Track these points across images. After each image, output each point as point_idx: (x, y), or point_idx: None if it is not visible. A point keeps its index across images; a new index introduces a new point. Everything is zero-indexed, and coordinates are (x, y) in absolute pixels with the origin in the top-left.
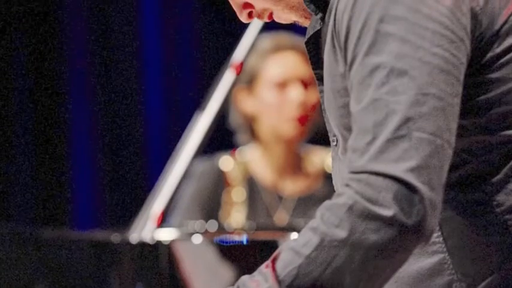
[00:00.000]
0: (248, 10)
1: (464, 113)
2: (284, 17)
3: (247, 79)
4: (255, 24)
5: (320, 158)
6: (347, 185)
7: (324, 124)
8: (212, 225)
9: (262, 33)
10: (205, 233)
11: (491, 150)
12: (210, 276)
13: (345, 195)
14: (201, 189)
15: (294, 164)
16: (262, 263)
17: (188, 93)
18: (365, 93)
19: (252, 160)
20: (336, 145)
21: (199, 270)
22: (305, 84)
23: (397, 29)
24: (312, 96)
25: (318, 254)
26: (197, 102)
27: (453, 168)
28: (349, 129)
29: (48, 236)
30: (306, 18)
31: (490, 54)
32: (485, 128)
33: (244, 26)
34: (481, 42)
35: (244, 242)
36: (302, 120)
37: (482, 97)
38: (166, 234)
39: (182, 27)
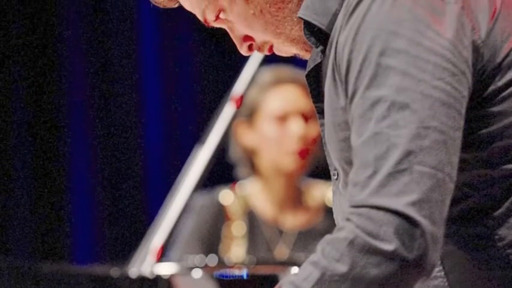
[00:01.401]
0: (248, 43)
1: (465, 147)
2: (284, 49)
3: (247, 112)
4: (255, 57)
5: (321, 192)
6: (348, 219)
7: (325, 158)
8: (212, 260)
9: (262, 66)
10: (205, 268)
11: (492, 184)
12: None
13: (345, 229)
14: (201, 223)
15: (295, 198)
16: None
17: (188, 126)
18: (366, 127)
19: (252, 194)
20: (336, 179)
21: None
22: (305, 118)
23: (398, 62)
24: (313, 129)
25: None
26: (197, 136)
27: (455, 202)
28: (349, 162)
29: (47, 270)
30: (306, 51)
31: (491, 88)
32: (486, 161)
33: (244, 59)
34: (482, 75)
35: (245, 277)
36: (302, 153)
37: (484, 131)
38: (166, 269)
39: (182, 60)
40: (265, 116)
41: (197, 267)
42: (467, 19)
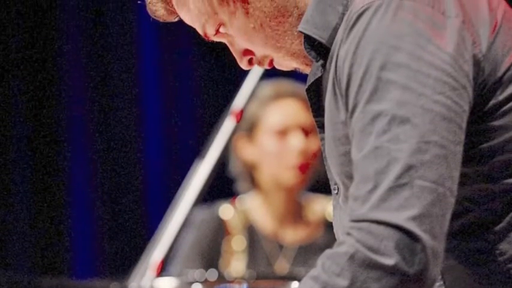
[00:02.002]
0: (248, 57)
1: (466, 161)
2: (285, 63)
3: (247, 127)
4: (255, 71)
5: (321, 206)
6: (348, 234)
7: (325, 172)
8: (212, 274)
9: (262, 80)
10: (205, 282)
11: (493, 199)
12: None
13: (346, 243)
14: (201, 238)
15: (295, 212)
16: None
17: (188, 140)
18: (366, 141)
19: (252, 208)
20: (337, 193)
21: None
22: (306, 132)
23: (398, 76)
24: (313, 144)
25: None
26: (197, 150)
27: (455, 216)
28: (350, 177)
29: (47, 284)
30: (306, 65)
31: (492, 102)
32: (487, 176)
33: (245, 73)
34: (483, 89)
35: None
36: (303, 168)
37: (485, 145)
38: (165, 283)
39: (182, 74)
40: (266, 130)
41: (197, 282)
42: (468, 33)
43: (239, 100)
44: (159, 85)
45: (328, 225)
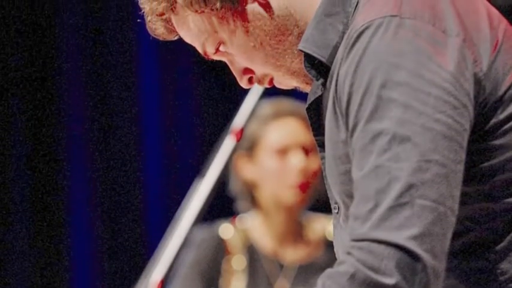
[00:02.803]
0: (248, 75)
1: (467, 180)
2: (285, 82)
3: (247, 145)
4: (255, 90)
5: (321, 226)
6: (348, 253)
7: (325, 191)
8: None
9: (262, 99)
10: None
11: (494, 218)
12: None
13: (346, 263)
14: (201, 258)
15: (295, 232)
16: None
17: (188, 159)
18: (367, 160)
19: (253, 228)
20: (337, 212)
21: None
22: (306, 151)
23: (399, 94)
24: (313, 162)
25: None
26: (197, 169)
27: (456, 235)
28: (350, 196)
29: None
30: (307, 83)
31: (493, 121)
32: (488, 195)
33: (245, 92)
34: (484, 108)
35: None
36: (303, 187)
37: (486, 164)
38: None
39: (181, 93)
40: (266, 149)
41: None
42: (469, 51)
43: (239, 119)
44: (158, 104)
45: (329, 245)
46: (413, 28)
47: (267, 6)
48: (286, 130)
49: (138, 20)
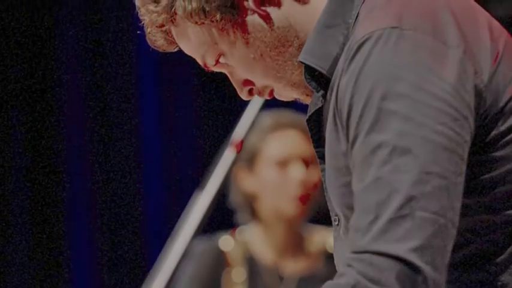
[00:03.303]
0: (248, 87)
1: (468, 192)
2: (285, 94)
3: (247, 157)
4: (256, 102)
5: (321, 238)
6: (349, 265)
7: (326, 203)
8: None
9: (262, 110)
10: None
11: (495, 230)
12: None
13: (347, 275)
14: (201, 269)
15: (295, 244)
16: None
17: (188, 171)
18: (367, 172)
19: (253, 240)
20: (337, 224)
21: None
22: (306, 163)
23: (399, 106)
24: (314, 174)
25: None
26: (197, 181)
27: (457, 248)
28: (351, 208)
29: None
30: (307, 95)
31: (494, 132)
32: (489, 207)
33: (245, 104)
34: (485, 119)
35: None
36: (303, 199)
37: (486, 176)
38: None
39: (181, 105)
40: (266, 161)
41: None
42: (469, 63)
43: (239, 131)
44: (158, 116)
45: (329, 257)
46: (414, 39)
47: (267, 18)
48: (286, 142)
49: (138, 32)
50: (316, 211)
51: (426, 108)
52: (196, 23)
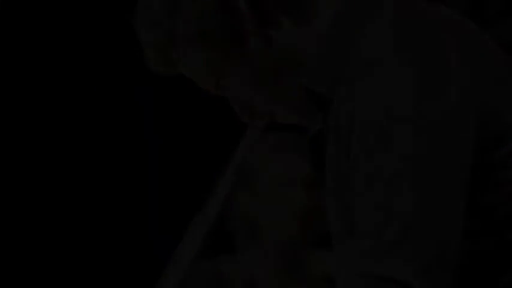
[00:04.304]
0: (249, 111)
1: (470, 215)
2: (286, 117)
3: (248, 179)
4: (256, 124)
5: (324, 262)
6: None
7: (328, 226)
8: None
9: (263, 132)
10: None
11: (498, 252)
12: None
13: None
14: None
15: (297, 268)
16: None
17: (186, 194)
18: (368, 195)
19: (253, 263)
20: (337, 247)
21: None
22: (307, 185)
23: (402, 129)
24: (315, 197)
25: None
26: (196, 204)
27: (460, 269)
28: (352, 231)
29: None
30: (308, 118)
31: (495, 155)
32: (491, 229)
33: (245, 126)
34: (487, 142)
35: None
36: (305, 222)
37: (488, 198)
38: None
39: (180, 127)
40: (267, 183)
41: None
42: (472, 84)
43: (239, 153)
44: (156, 143)
45: (331, 282)
46: (416, 61)
47: (269, 42)
48: (287, 164)
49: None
50: (318, 234)
51: (428, 130)
52: (196, 46)
